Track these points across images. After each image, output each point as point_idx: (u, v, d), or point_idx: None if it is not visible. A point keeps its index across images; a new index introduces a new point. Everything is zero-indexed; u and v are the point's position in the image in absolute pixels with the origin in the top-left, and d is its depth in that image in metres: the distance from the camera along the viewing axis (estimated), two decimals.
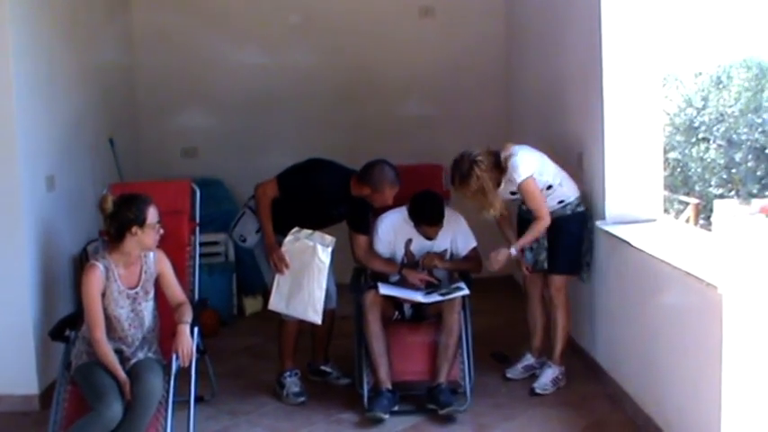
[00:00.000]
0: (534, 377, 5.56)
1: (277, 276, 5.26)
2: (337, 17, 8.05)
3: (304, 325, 5.47)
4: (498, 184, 5.25)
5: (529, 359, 5.68)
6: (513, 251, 5.32)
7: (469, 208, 5.73)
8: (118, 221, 4.45)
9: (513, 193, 5.33)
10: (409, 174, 5.90)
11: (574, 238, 5.39)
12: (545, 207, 5.26)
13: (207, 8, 8.06)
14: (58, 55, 5.93)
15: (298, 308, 5.23)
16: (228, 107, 8.13)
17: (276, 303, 5.30)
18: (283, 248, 5.23)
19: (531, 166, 5.23)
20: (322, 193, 5.31)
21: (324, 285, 5.20)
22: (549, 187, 5.31)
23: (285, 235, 5.25)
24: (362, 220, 5.51)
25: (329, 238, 5.23)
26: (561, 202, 5.35)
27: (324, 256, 5.17)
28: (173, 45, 8.02)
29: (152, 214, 4.48)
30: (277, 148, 7.65)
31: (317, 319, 5.24)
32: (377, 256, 5.52)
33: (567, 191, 5.37)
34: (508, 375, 5.68)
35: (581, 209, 5.40)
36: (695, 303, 4.07)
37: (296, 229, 5.24)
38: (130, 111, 7.88)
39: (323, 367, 5.76)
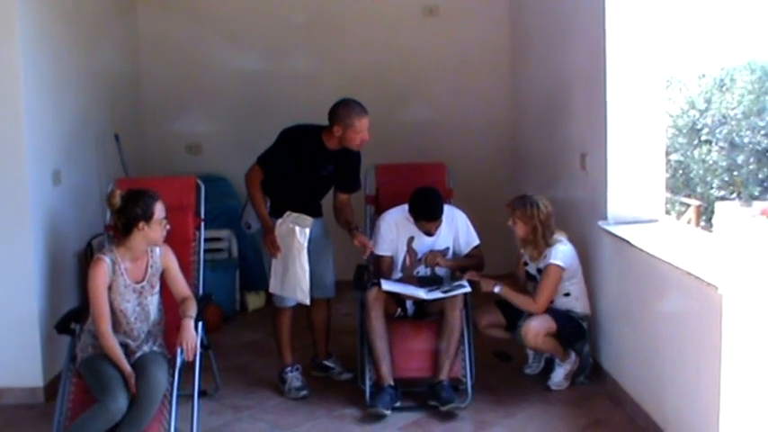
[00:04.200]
0: (547, 368, 5.63)
1: (273, 261, 5.30)
2: (340, 17, 8.05)
3: (299, 311, 5.52)
4: (538, 249, 5.37)
5: (531, 351, 5.71)
6: (497, 289, 5.38)
7: (474, 207, 5.78)
8: (125, 216, 4.50)
9: (538, 270, 5.41)
10: (413, 172, 5.97)
11: (561, 320, 5.36)
12: (547, 300, 5.35)
13: (211, 9, 8.08)
14: (65, 51, 5.97)
15: (288, 289, 5.25)
16: (233, 105, 8.15)
17: (273, 286, 5.35)
18: (275, 233, 5.27)
19: (567, 262, 5.33)
20: (302, 157, 5.35)
21: (306, 266, 5.16)
22: (567, 294, 5.41)
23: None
24: (351, 177, 5.62)
25: (308, 220, 5.20)
26: (568, 311, 5.42)
27: (301, 237, 5.14)
28: (178, 44, 8.04)
29: (159, 210, 4.53)
30: None
31: (305, 299, 5.23)
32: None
33: (578, 304, 5.45)
34: (526, 372, 5.74)
35: (583, 323, 5.45)
36: (695, 303, 4.10)
37: (287, 213, 5.26)
38: (135, 107, 7.92)
39: (325, 362, 5.79)
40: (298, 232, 5.14)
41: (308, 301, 5.26)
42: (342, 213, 5.64)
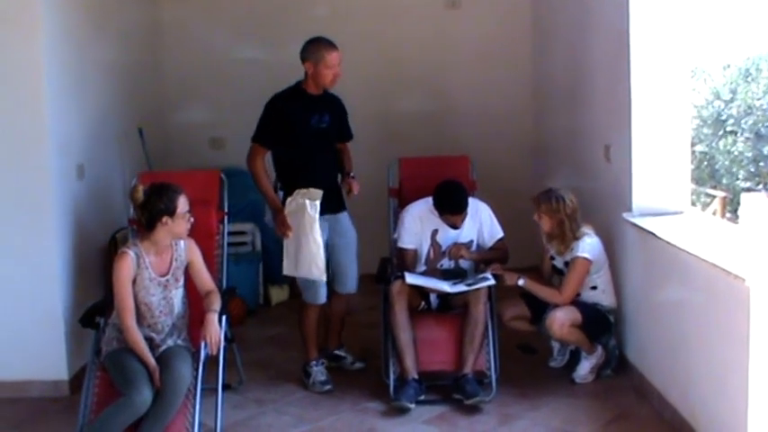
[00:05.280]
0: (571, 361, 5.61)
1: (285, 242, 5.28)
2: (362, 9, 8.02)
3: (325, 309, 5.56)
4: (565, 243, 5.33)
5: (556, 344, 5.69)
6: (521, 282, 5.37)
7: (497, 199, 5.76)
8: (148, 211, 4.50)
9: (566, 264, 5.38)
10: (436, 165, 5.96)
11: (587, 312, 5.34)
12: (573, 292, 5.33)
13: (233, 3, 8.10)
14: (89, 45, 5.99)
15: (303, 268, 5.21)
16: (255, 99, 8.02)
17: (287, 268, 5.32)
18: (285, 213, 5.25)
19: (595, 255, 5.30)
20: (291, 113, 5.36)
21: (319, 240, 5.14)
22: (594, 288, 5.39)
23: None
24: (342, 125, 5.66)
25: (317, 193, 5.18)
26: (595, 304, 5.40)
27: (312, 210, 5.12)
28: (200, 39, 8.03)
29: (182, 204, 4.53)
30: None
31: (321, 276, 5.21)
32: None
33: (605, 297, 5.43)
34: (551, 365, 5.72)
35: (609, 316, 5.43)
36: (722, 295, 4.07)
37: (296, 191, 5.23)
38: (159, 101, 7.92)
39: (337, 352, 5.78)
40: (308, 205, 5.12)
41: (324, 278, 5.25)
42: (340, 158, 5.68)
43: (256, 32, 8.06)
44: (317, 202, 5.14)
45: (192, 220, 4.61)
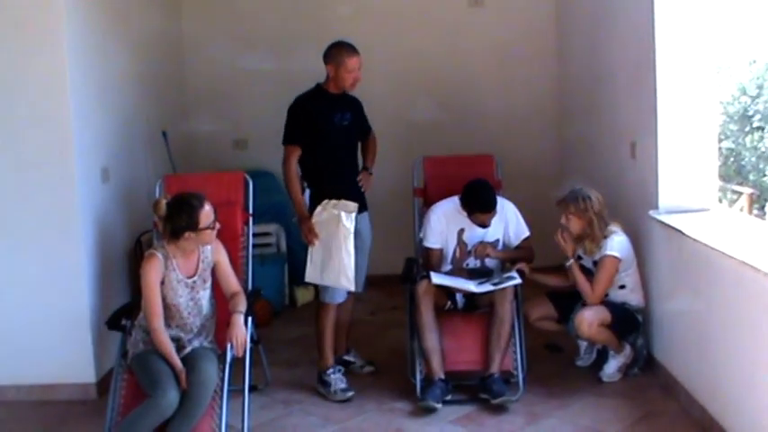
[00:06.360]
0: (598, 359, 5.59)
1: (310, 248, 5.31)
2: (386, 9, 8.01)
3: (339, 313, 5.52)
4: (595, 242, 5.33)
5: (583, 343, 5.66)
6: (567, 264, 5.39)
7: (522, 198, 5.74)
8: (171, 226, 4.52)
9: (594, 263, 5.36)
10: (461, 164, 5.95)
11: (616, 312, 5.33)
12: (603, 290, 5.33)
13: (254, 6, 8.12)
14: (113, 49, 6.01)
15: (330, 276, 5.26)
16: (277, 99, 8.07)
17: (310, 275, 5.34)
18: (313, 220, 5.29)
19: (623, 253, 5.29)
20: (316, 113, 5.42)
21: (352, 252, 5.21)
22: (622, 287, 5.38)
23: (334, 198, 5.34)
24: (363, 121, 5.77)
25: (352, 205, 5.26)
26: (623, 303, 5.38)
27: (348, 222, 5.20)
28: (222, 42, 8.04)
29: (205, 217, 4.52)
30: None
31: (350, 286, 5.26)
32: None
33: (633, 297, 5.41)
34: (578, 364, 5.69)
35: (638, 315, 5.40)
36: (750, 293, 4.03)
37: (326, 201, 5.29)
38: (182, 104, 7.95)
39: (345, 357, 5.73)
40: (344, 217, 5.19)
41: (353, 288, 5.29)
42: (363, 150, 5.79)
43: (279, 37, 8.03)
44: (353, 215, 5.22)
45: (218, 226, 4.61)
